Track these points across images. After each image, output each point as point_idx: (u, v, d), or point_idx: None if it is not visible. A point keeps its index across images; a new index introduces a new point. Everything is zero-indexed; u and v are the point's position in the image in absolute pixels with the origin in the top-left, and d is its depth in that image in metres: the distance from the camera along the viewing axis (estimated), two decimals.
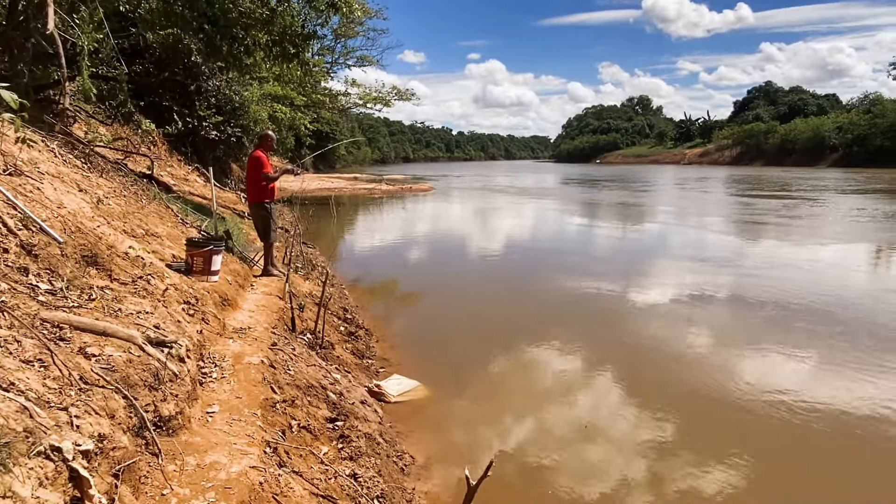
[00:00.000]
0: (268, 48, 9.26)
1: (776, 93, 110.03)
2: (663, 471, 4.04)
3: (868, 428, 4.65)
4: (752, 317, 7.82)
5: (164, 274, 3.83)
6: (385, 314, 7.79)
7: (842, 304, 8.21)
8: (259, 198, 6.32)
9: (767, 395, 5.22)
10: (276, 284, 5.91)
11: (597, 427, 4.67)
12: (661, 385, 5.52)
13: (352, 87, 25.44)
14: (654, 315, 8.05)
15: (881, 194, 27.73)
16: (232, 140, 17.10)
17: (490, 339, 6.72)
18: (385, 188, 34.12)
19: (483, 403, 5.01)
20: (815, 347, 6.54)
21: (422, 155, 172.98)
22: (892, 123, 69.88)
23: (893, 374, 5.62)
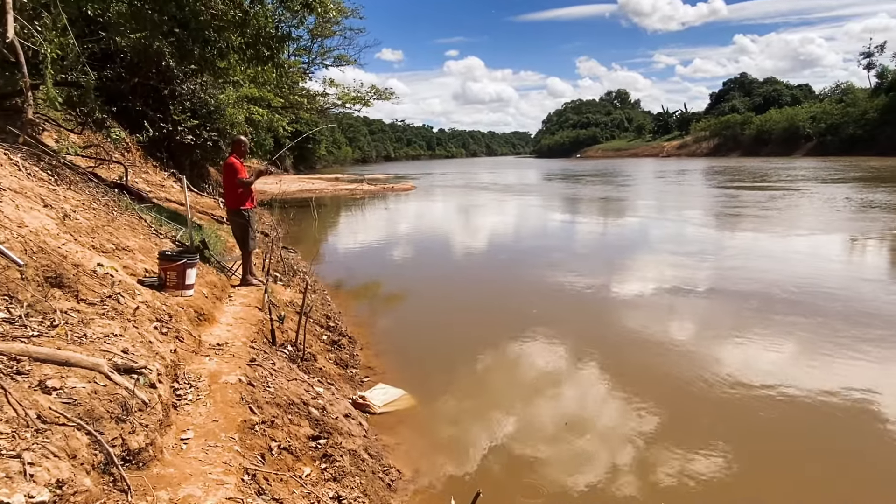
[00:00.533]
0: (241, 51, 9.06)
1: (751, 84, 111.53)
2: (648, 460, 4.12)
3: (845, 412, 4.80)
4: (733, 307, 7.93)
5: (136, 291, 3.68)
6: (369, 319, 7.68)
7: (821, 293, 8.36)
8: (237, 205, 6.18)
9: (748, 383, 5.34)
10: (255, 295, 5.76)
11: (582, 421, 4.67)
12: (645, 375, 5.59)
13: (330, 87, 25.18)
14: (638, 307, 8.08)
15: (861, 182, 28.20)
16: (208, 144, 16.80)
17: (475, 340, 6.68)
18: (367, 188, 33.89)
19: (470, 407, 4.93)
20: (795, 336, 6.68)
21: (403, 153, 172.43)
22: (864, 112, 71.28)
23: (866, 361, 5.82)
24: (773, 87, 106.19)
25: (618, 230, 16.77)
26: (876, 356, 5.98)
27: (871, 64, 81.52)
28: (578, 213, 21.88)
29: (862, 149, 67.51)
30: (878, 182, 27.93)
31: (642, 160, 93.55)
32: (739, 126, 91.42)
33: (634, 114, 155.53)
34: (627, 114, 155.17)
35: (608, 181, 38.76)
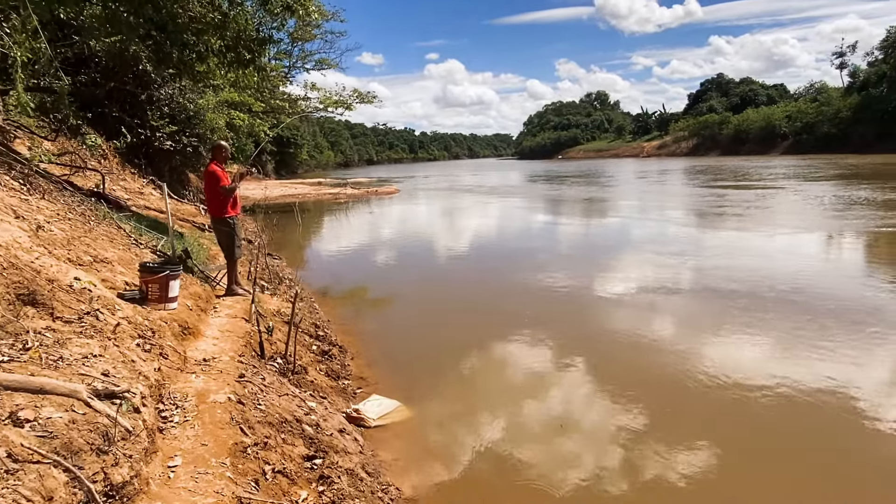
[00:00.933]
0: (221, 54, 8.82)
1: (727, 84, 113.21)
2: (635, 458, 4.16)
3: (827, 407, 4.90)
4: (717, 305, 8.04)
5: (116, 306, 3.47)
6: (358, 326, 7.50)
7: (803, 291, 8.46)
8: (221, 212, 5.97)
9: (732, 379, 5.43)
10: (241, 305, 5.55)
11: (577, 424, 4.59)
12: (641, 376, 5.60)
13: (311, 90, 24.88)
14: (632, 307, 8.10)
15: (844, 180, 28.62)
16: (188, 150, 16.44)
17: (466, 344, 6.58)
18: (350, 192, 33.63)
19: (464, 415, 4.80)
20: (777, 333, 6.76)
21: (385, 157, 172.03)
22: (837, 111, 72.78)
23: (844, 357, 5.94)
24: (749, 87, 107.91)
25: (604, 231, 16.79)
26: (862, 351, 6.05)
27: (843, 64, 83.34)
28: (564, 214, 21.88)
29: (836, 147, 68.90)
30: (859, 179, 28.39)
31: (623, 160, 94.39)
32: (717, 126, 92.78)
33: (614, 115, 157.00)
34: (607, 115, 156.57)
35: (592, 182, 38.96)
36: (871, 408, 4.80)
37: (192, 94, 16.53)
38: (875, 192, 21.66)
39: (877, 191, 22.01)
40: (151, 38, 7.99)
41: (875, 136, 66.15)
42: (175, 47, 8.00)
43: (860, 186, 24.07)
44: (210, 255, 8.54)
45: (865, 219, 15.12)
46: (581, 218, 20.47)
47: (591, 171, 54.93)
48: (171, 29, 7.95)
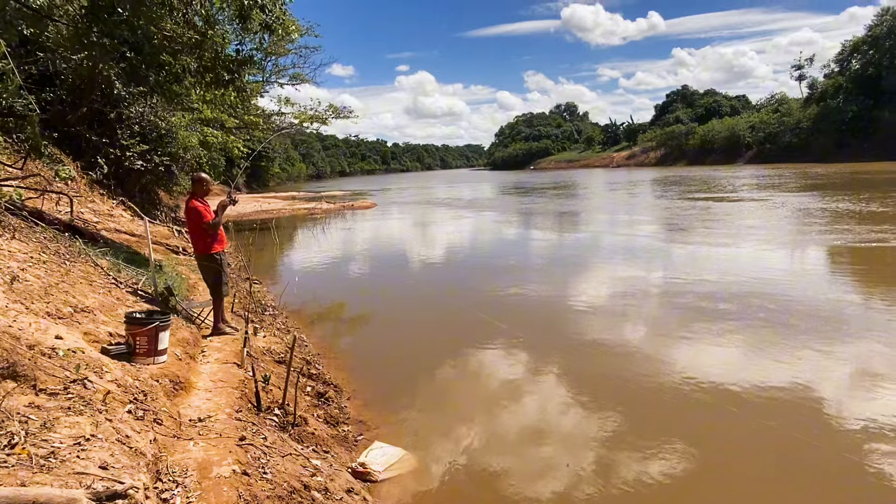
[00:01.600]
0: (199, 74, 8.51)
1: (692, 96, 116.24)
2: (610, 463, 4.39)
3: (793, 406, 5.27)
4: (686, 313, 8.47)
5: (103, 368, 3.16)
6: (348, 355, 7.18)
7: (768, 298, 8.91)
8: (206, 249, 5.64)
9: (702, 383, 5.77)
10: (230, 347, 5.23)
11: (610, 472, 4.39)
12: (632, 389, 5.79)
13: (285, 105, 24.48)
14: (619, 321, 8.27)
15: (819, 190, 29.33)
16: (160, 169, 15.90)
17: (463, 371, 6.49)
18: (326, 207, 33.18)
19: (475, 459, 4.56)
20: (742, 338, 7.20)
21: (358, 168, 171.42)
22: (798, 121, 75.34)
23: (804, 362, 6.35)
24: (713, 98, 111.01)
25: (583, 245, 16.79)
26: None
27: (802, 76, 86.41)
28: (543, 228, 21.91)
29: (798, 156, 71.23)
30: (834, 189, 28.83)
31: (594, 171, 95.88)
32: (684, 136, 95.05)
33: (584, 126, 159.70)
34: (577, 126, 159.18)
35: (567, 194, 39.29)
36: (833, 408, 5.17)
37: (164, 111, 16.03)
38: (856, 203, 22.23)
39: (859, 202, 22.56)
40: (126, 60, 7.62)
41: (834, 145, 68.67)
42: (151, 69, 7.66)
43: (840, 198, 24.54)
44: (190, 286, 8.16)
45: (856, 234, 15.42)
46: (559, 233, 20.51)
47: (565, 182, 55.50)
48: (147, 50, 7.62)
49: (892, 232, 14.81)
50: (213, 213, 5.70)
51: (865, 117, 66.68)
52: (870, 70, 68.69)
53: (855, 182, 33.75)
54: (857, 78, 70.37)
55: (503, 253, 15.94)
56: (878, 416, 4.91)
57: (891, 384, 5.62)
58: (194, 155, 17.00)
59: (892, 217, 17.82)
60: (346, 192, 52.91)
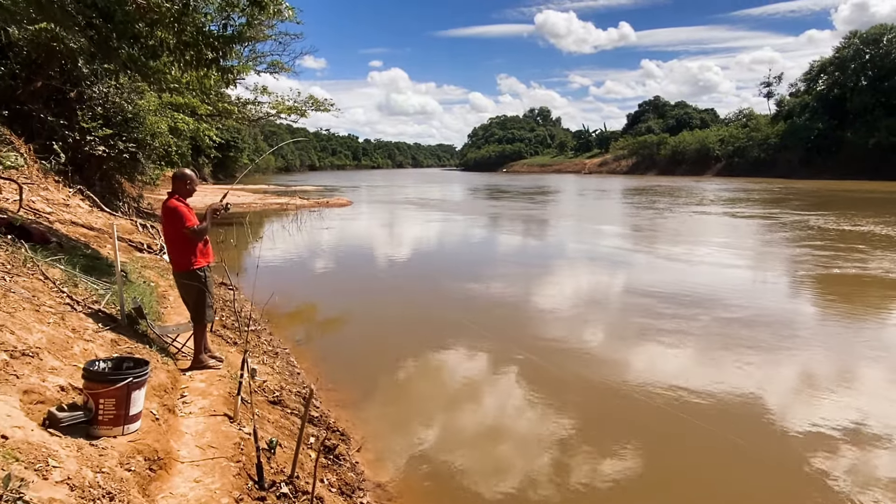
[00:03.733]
0: (178, 51, 7.35)
1: (664, 107, 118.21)
2: (567, 463, 4.54)
3: (737, 409, 5.61)
4: (643, 317, 8.85)
5: (49, 459, 2.14)
6: (349, 387, 6.20)
7: (721, 305, 9.43)
8: (187, 264, 4.53)
9: (655, 386, 6.02)
10: (217, 387, 4.17)
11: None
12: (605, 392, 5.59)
13: (262, 94, 23.07)
14: (606, 329, 8.28)
15: (813, 207, 29.49)
16: (124, 156, 14.46)
17: (497, 420, 5.55)
18: (299, 202, 31.77)
19: None
20: (694, 342, 7.63)
21: (328, 163, 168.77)
22: (766, 137, 77.07)
23: (755, 367, 6.74)
24: (683, 110, 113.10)
25: (562, 253, 16.11)
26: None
27: (770, 93, 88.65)
28: (523, 234, 21.25)
29: (765, 171, 72.89)
30: (826, 207, 28.75)
31: (566, 176, 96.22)
32: (656, 146, 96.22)
33: (556, 131, 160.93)
34: (550, 130, 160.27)
35: (542, 200, 38.82)
36: (780, 412, 5.49)
37: (131, 93, 14.60)
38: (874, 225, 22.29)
39: (870, 224, 22.66)
40: (93, 28, 6.43)
41: (800, 161, 70.51)
42: (123, 40, 6.48)
43: (853, 216, 24.58)
44: (160, 295, 7.02)
45: (815, 252, 15.18)
46: (540, 238, 19.88)
47: (537, 186, 55.13)
48: (119, 17, 6.44)
49: (851, 251, 14.95)
50: (199, 217, 4.65)
51: (830, 136, 68.64)
52: (835, 91, 70.76)
53: (824, 199, 34.27)
54: (823, 98, 72.45)
55: (494, 258, 15.10)
56: (818, 421, 5.28)
57: (832, 391, 6.07)
58: (163, 142, 15.59)
59: (852, 235, 18.02)
60: (319, 188, 51.35)
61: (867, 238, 17.25)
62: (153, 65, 7.18)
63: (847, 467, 4.50)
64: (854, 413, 5.46)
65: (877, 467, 4.53)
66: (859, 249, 15.02)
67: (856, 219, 22.64)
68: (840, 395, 5.93)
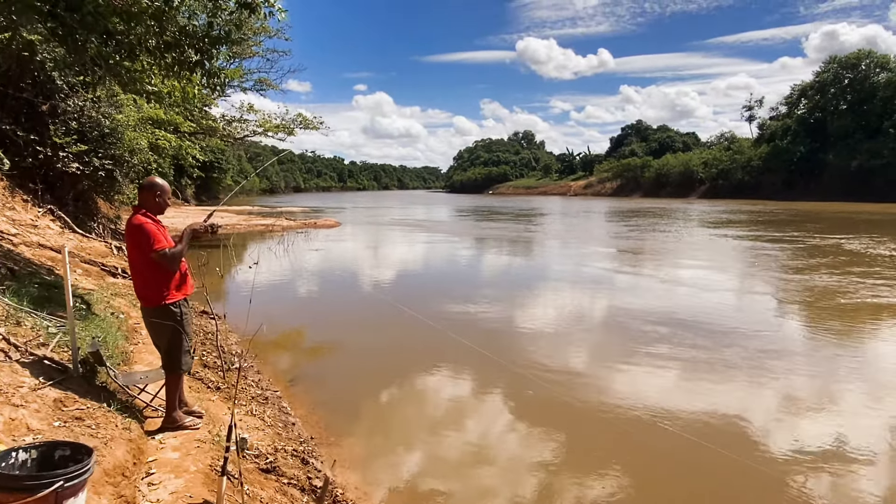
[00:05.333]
0: (158, 51, 6.52)
1: (646, 130, 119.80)
2: (552, 487, 4.40)
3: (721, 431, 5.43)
4: (627, 339, 8.67)
5: None
6: (352, 441, 5.27)
7: (706, 328, 9.16)
8: (157, 297, 3.61)
9: (640, 408, 5.87)
10: (195, 461, 3.22)
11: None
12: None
13: (248, 112, 22.32)
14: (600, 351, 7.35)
15: (818, 229, 29.26)
16: (100, 174, 13.47)
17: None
18: (286, 224, 30.77)
19: None
20: (680, 364, 7.41)
21: (313, 185, 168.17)
22: (749, 159, 77.94)
23: (739, 386, 6.66)
24: (665, 133, 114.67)
25: (551, 274, 15.36)
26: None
27: (751, 116, 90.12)
28: (522, 255, 20.49)
29: (748, 193, 73.56)
30: (786, 226, 28.99)
31: (551, 198, 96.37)
32: (640, 169, 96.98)
33: (541, 154, 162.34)
34: (534, 153, 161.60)
35: (532, 220, 38.29)
36: (762, 436, 5.31)
37: (109, 107, 13.69)
38: (813, 239, 21.92)
39: (879, 242, 22.28)
40: (56, 19, 5.56)
41: (783, 183, 71.29)
42: (93, 34, 5.63)
43: (794, 234, 24.40)
44: (130, 328, 6.06)
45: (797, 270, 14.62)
46: (525, 258, 19.16)
47: (525, 208, 54.72)
48: (89, 10, 5.59)
49: (834, 269, 14.76)
50: (174, 239, 3.77)
51: (812, 159, 69.57)
52: (816, 114, 72.00)
53: (808, 219, 34.20)
54: (805, 121, 73.65)
55: (488, 280, 14.28)
56: (801, 439, 5.22)
57: (815, 410, 5.98)
58: (142, 159, 14.64)
59: (834, 252, 17.74)
60: (305, 209, 50.36)
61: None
62: (129, 65, 6.31)
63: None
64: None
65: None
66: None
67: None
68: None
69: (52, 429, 2.60)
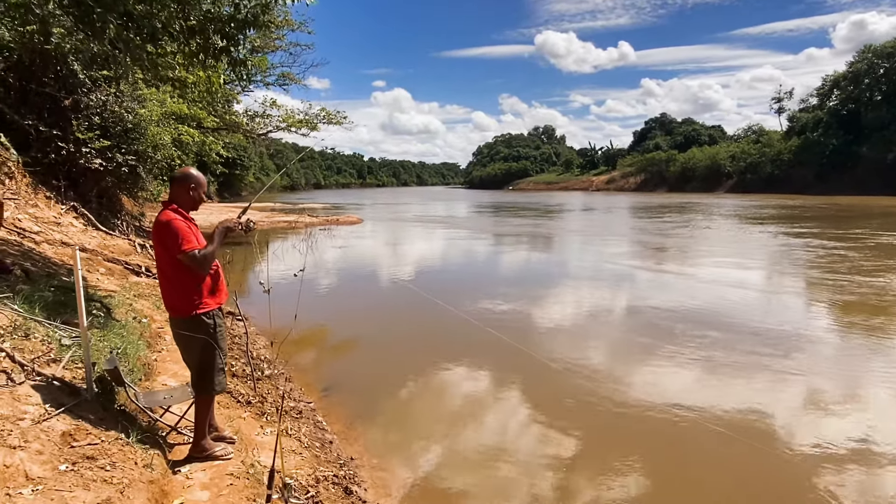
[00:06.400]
0: (182, 36, 6.07)
1: (671, 124, 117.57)
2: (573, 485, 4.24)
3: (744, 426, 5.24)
4: (652, 335, 8.37)
5: None
6: (403, 464, 4.75)
7: (729, 322, 8.92)
8: (188, 306, 3.13)
9: (661, 404, 5.72)
10: (229, 497, 2.75)
11: None
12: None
13: (271, 107, 21.98)
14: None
15: (807, 223, 28.11)
16: (123, 170, 13.20)
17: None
18: (308, 220, 30.52)
19: None
20: (702, 358, 7.18)
21: (333, 181, 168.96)
22: (779, 153, 75.79)
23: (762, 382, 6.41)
24: (691, 126, 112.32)
25: (577, 271, 14.69)
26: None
27: (781, 108, 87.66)
28: (546, 251, 19.83)
29: (778, 187, 71.53)
30: (818, 222, 27.77)
31: (573, 193, 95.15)
32: (665, 163, 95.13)
33: (561, 149, 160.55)
34: (555, 148, 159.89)
35: (566, 219, 37.50)
36: (787, 433, 5.12)
37: (132, 101, 13.39)
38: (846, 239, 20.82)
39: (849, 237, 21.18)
40: (78, 2, 5.13)
41: (814, 177, 69.17)
42: (112, 14, 5.18)
43: (827, 231, 23.27)
44: (154, 334, 5.63)
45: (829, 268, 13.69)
46: (551, 254, 18.45)
47: (554, 205, 53.83)
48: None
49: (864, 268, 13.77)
50: (207, 237, 3.28)
51: (845, 152, 67.31)
52: (850, 105, 69.62)
53: (859, 215, 32.81)
54: (837, 113, 71.29)
55: (518, 279, 13.68)
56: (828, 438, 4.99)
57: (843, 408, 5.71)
58: (165, 155, 14.35)
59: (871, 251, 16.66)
60: (326, 206, 50.21)
61: None
62: (151, 49, 5.87)
63: None
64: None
65: None
66: None
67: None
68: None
69: (56, 475, 2.14)
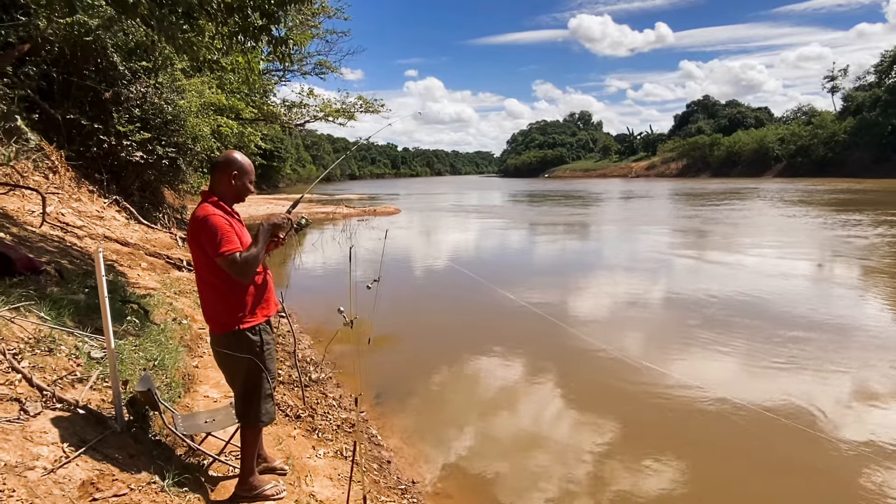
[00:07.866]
0: (220, 14, 5.61)
1: (714, 106, 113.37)
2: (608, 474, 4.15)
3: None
4: (688, 324, 8.19)
5: None
6: (472, 490, 4.23)
7: (770, 312, 8.61)
8: (227, 319, 2.65)
9: (698, 393, 5.56)
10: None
11: None
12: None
13: (308, 97, 21.68)
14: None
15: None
16: (164, 162, 13.03)
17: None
18: (346, 211, 30.33)
19: None
20: (741, 348, 6.96)
21: (367, 172, 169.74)
22: (832, 134, 71.98)
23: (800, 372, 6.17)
24: (735, 109, 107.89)
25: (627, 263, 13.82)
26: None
27: (834, 88, 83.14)
28: (593, 239, 18.97)
29: (832, 170, 68.04)
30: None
31: (611, 181, 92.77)
32: (708, 147, 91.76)
33: (598, 135, 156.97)
34: (591, 135, 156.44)
35: (597, 204, 36.32)
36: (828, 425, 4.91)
37: (171, 93, 13.20)
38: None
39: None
40: None
41: (872, 159, 65.46)
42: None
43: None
44: (193, 336, 5.23)
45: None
46: (610, 245, 17.58)
47: (594, 192, 52.39)
48: None
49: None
50: (252, 237, 2.78)
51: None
52: None
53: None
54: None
55: (561, 268, 12.96)
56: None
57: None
58: (205, 146, 14.14)
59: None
60: (362, 196, 50.13)
61: None
62: (186, 28, 5.43)
63: None
64: None
65: None
66: None
67: None
68: None
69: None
